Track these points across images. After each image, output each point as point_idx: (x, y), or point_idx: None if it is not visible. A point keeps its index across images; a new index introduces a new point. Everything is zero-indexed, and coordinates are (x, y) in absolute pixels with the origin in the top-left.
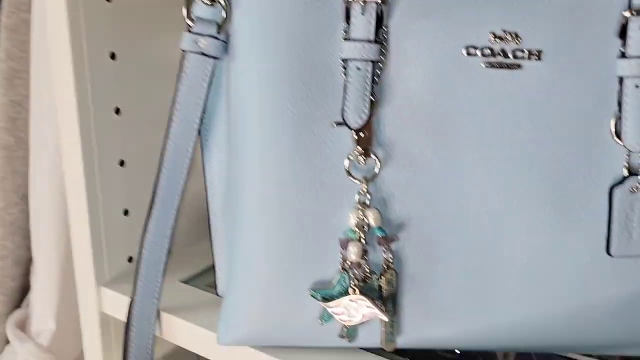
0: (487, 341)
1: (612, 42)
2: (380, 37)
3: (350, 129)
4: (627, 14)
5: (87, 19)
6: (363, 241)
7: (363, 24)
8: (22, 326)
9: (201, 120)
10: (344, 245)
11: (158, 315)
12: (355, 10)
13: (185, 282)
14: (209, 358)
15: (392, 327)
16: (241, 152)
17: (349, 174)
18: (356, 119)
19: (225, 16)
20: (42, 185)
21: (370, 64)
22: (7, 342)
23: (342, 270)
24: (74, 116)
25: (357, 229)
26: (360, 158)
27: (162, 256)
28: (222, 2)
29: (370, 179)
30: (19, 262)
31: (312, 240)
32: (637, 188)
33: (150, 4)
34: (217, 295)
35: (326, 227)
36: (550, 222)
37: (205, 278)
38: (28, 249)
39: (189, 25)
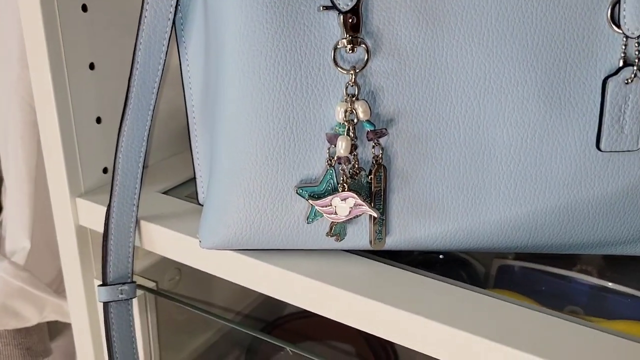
0: (477, 240)
1: None
2: None
3: (340, 12)
4: None
5: None
6: (352, 135)
7: None
8: None
9: (176, 9)
10: (332, 140)
11: (137, 224)
12: None
13: (165, 193)
14: (190, 265)
15: (382, 225)
16: (220, 43)
17: (337, 64)
18: (346, 1)
19: None
20: (8, 99)
21: None
22: None
23: (329, 167)
24: (39, 17)
25: (345, 123)
26: (348, 46)
27: (139, 161)
28: None
29: (358, 69)
30: None
31: (298, 135)
32: (631, 79)
33: None
34: (199, 204)
35: (312, 121)
36: (541, 114)
37: (185, 189)
38: None
39: None
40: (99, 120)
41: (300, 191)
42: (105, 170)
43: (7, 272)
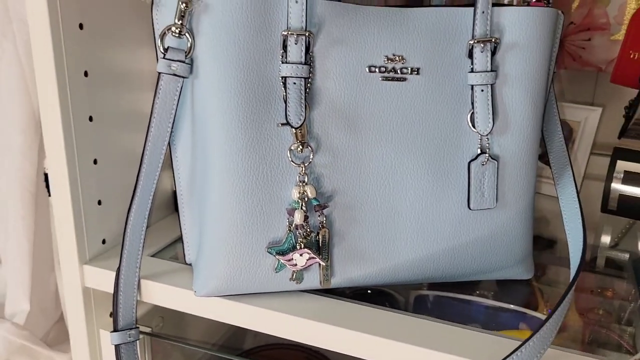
0: (395, 277)
1: (465, 61)
2: (309, 59)
3: (293, 127)
4: (471, 41)
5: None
6: (304, 209)
7: (296, 51)
8: None
9: (172, 126)
10: (291, 213)
11: (139, 283)
12: (290, 40)
13: (153, 256)
14: (184, 310)
15: (327, 270)
16: (206, 148)
17: (291, 160)
18: (297, 120)
19: (190, 45)
20: (10, 185)
21: (303, 79)
22: None
23: (289, 231)
24: (58, 122)
25: (299, 201)
26: (299, 148)
27: (142, 233)
28: (187, 35)
29: (306, 163)
30: None
31: (266, 211)
32: (485, 162)
33: None
34: (184, 264)
35: (276, 200)
36: (431, 187)
37: (169, 252)
38: None
39: (163, 53)
40: (99, 202)
41: (270, 250)
42: (104, 241)
43: (9, 332)
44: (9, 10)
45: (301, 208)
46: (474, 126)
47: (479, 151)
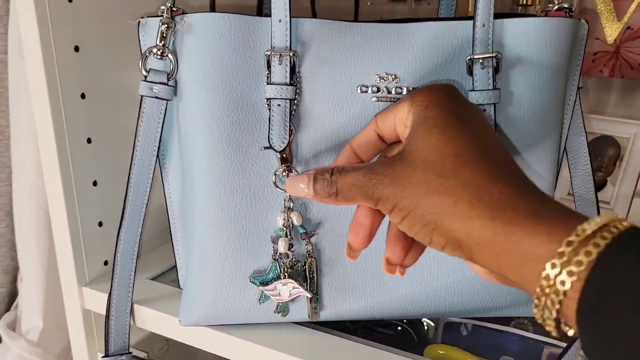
0: (389, 311)
1: (465, 79)
2: (294, 80)
3: (276, 151)
4: (470, 58)
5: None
6: (289, 237)
7: (280, 71)
8: (13, 327)
9: (158, 148)
10: (275, 241)
11: (132, 307)
12: (274, 60)
13: (153, 279)
14: (173, 338)
15: (316, 302)
16: (191, 172)
17: (276, 185)
18: (280, 144)
19: (173, 67)
20: (24, 203)
21: (288, 101)
22: (0, 341)
23: (274, 261)
24: (52, 143)
25: (284, 228)
26: (284, 173)
27: (133, 258)
28: (170, 56)
29: None
30: (7, 270)
31: (250, 239)
32: None
33: None
34: (180, 288)
35: (261, 228)
36: None
37: (169, 275)
38: (14, 258)
39: (145, 75)
40: (100, 224)
41: (253, 280)
42: (105, 263)
43: (23, 349)
44: None
45: (285, 236)
46: None
47: None
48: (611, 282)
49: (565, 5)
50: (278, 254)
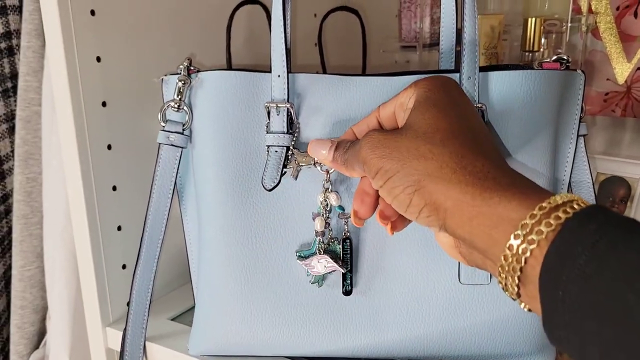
0: (377, 351)
1: None
2: (293, 129)
3: (265, 189)
4: None
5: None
6: (326, 216)
7: (278, 121)
8: None
9: (173, 192)
10: (314, 217)
11: (144, 345)
12: (272, 111)
13: (173, 319)
14: None
15: (349, 280)
16: (201, 214)
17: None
18: (269, 183)
19: (188, 118)
20: (55, 246)
21: (285, 148)
22: None
23: (315, 237)
24: (80, 192)
25: (322, 207)
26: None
27: (147, 296)
28: (185, 109)
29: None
30: (36, 310)
31: (256, 272)
32: None
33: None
34: None
35: (264, 265)
36: (419, 257)
37: (190, 315)
38: (43, 298)
39: (163, 125)
40: (124, 266)
41: (298, 254)
42: (128, 303)
43: None
44: None
45: (322, 214)
46: None
47: None
48: (570, 250)
49: (564, 57)
50: (315, 231)
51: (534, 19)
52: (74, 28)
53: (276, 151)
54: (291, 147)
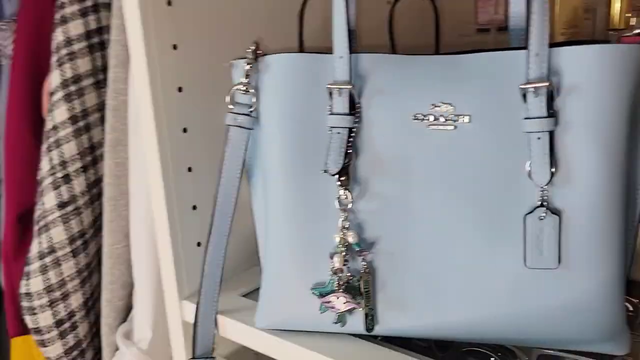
0: (440, 332)
1: (522, 107)
2: (355, 110)
3: (330, 174)
4: (522, 86)
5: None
6: (344, 254)
7: (341, 103)
8: (128, 336)
9: (242, 173)
10: (332, 257)
11: (216, 317)
12: (335, 93)
13: (245, 295)
14: (244, 344)
15: (371, 316)
16: (268, 193)
17: (338, 206)
18: (334, 168)
19: (255, 100)
20: (139, 227)
21: (347, 129)
22: (117, 349)
23: (332, 275)
24: (158, 173)
25: (340, 245)
26: (343, 195)
27: (218, 271)
28: (253, 91)
29: (348, 208)
30: (124, 286)
31: (314, 253)
32: (543, 216)
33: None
34: None
35: (323, 244)
36: (482, 240)
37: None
38: (130, 275)
39: (232, 108)
40: (199, 244)
41: (313, 291)
42: None
43: (135, 355)
44: None
45: (340, 252)
46: (531, 176)
47: (538, 204)
48: None
49: None
50: (334, 268)
51: None
52: (152, 18)
53: (339, 132)
54: (354, 129)
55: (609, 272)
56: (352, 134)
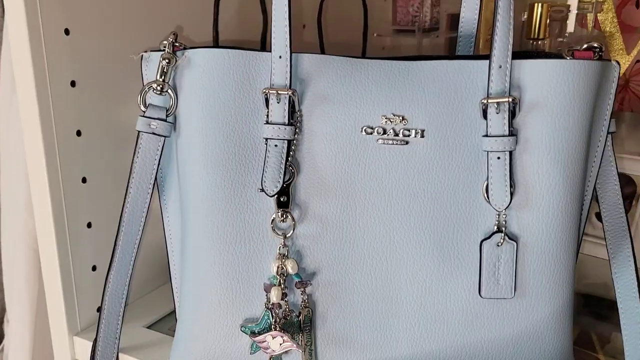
0: None
1: (480, 122)
2: (294, 119)
3: (268, 195)
4: (484, 100)
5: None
6: (282, 286)
7: (279, 110)
8: None
9: (153, 186)
10: (268, 289)
11: (117, 355)
12: (272, 99)
13: (149, 327)
14: None
15: (311, 356)
16: (187, 211)
17: (274, 230)
18: (272, 187)
19: (172, 103)
20: (14, 242)
21: (286, 142)
22: None
23: (266, 309)
24: (45, 184)
25: (278, 276)
26: (281, 218)
27: (121, 303)
28: (170, 92)
29: (288, 234)
30: None
31: (243, 285)
32: (501, 242)
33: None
34: None
35: (256, 273)
36: (435, 268)
37: (169, 321)
38: (1, 300)
39: (143, 110)
40: (94, 268)
41: (244, 329)
42: (99, 309)
43: None
44: None
45: (279, 284)
46: (488, 199)
47: (494, 229)
48: None
49: (595, 45)
50: (271, 303)
51: (540, 5)
52: None
53: (276, 145)
54: (294, 141)
55: (564, 298)
56: (291, 147)
